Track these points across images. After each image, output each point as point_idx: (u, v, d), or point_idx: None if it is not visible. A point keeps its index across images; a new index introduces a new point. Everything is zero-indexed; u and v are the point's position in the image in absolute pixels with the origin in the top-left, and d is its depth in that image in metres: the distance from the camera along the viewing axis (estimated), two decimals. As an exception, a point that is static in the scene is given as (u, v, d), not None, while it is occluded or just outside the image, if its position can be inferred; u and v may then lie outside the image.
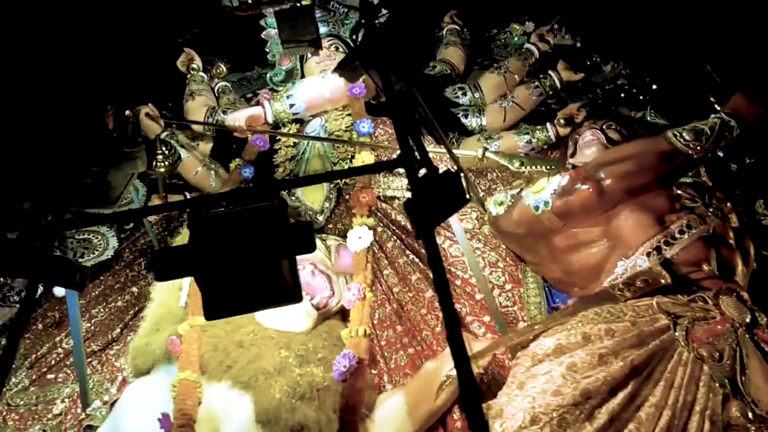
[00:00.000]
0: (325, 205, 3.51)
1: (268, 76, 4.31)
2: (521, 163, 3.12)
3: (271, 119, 3.78)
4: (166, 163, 3.51)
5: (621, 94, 4.00)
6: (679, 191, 3.01)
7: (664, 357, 2.46)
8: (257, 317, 2.87)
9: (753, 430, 2.31)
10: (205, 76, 4.32)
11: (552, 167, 3.05)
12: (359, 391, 2.69)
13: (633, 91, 3.97)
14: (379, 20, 3.61)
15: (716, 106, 3.04)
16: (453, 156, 2.96)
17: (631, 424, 2.34)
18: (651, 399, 2.38)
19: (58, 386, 3.42)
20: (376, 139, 3.58)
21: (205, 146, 4.15)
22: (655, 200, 2.91)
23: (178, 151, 3.67)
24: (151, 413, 2.68)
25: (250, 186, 3.47)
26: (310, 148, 3.72)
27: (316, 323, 2.98)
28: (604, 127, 3.36)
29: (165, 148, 3.53)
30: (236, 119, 3.73)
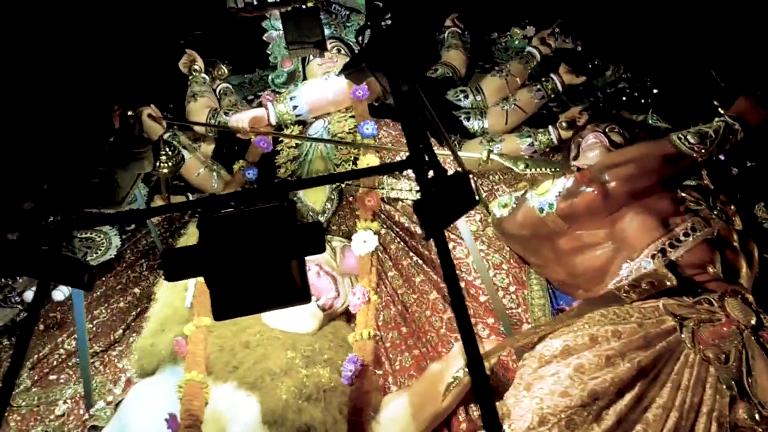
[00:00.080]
0: (327, 206, 3.51)
1: (270, 78, 4.31)
2: (526, 166, 3.12)
3: (274, 121, 3.78)
4: (169, 164, 3.49)
5: (622, 98, 4.02)
6: (684, 194, 3.02)
7: (671, 358, 2.47)
8: (263, 318, 2.87)
9: (760, 431, 2.32)
10: (207, 78, 4.32)
11: (557, 170, 3.06)
12: (366, 393, 2.70)
13: (634, 95, 3.99)
14: (385, 22, 3.61)
15: (720, 109, 3.06)
16: (458, 158, 2.97)
17: (639, 425, 2.35)
18: (658, 400, 2.39)
19: (60, 387, 3.41)
20: (380, 140, 3.59)
21: (207, 148, 4.15)
22: (660, 203, 2.93)
23: (182, 152, 3.66)
24: (157, 413, 2.68)
25: (260, 187, 3.46)
26: (313, 150, 3.72)
27: (322, 324, 2.98)
28: (607, 130, 3.38)
29: (168, 149, 3.52)
30: (240, 120, 3.73)
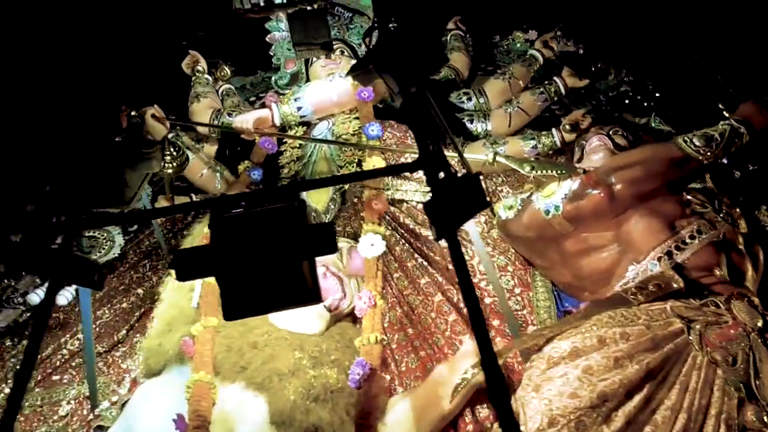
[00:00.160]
0: (330, 206, 3.51)
1: (273, 79, 4.32)
2: (532, 168, 3.12)
3: (278, 122, 3.78)
4: (173, 165, 3.50)
5: (625, 101, 4.03)
6: (689, 197, 3.04)
7: (678, 360, 2.48)
8: (270, 318, 2.87)
9: (768, 433, 2.34)
10: (210, 79, 4.33)
11: (563, 172, 3.06)
12: (374, 397, 2.70)
13: (637, 98, 4.00)
14: (392, 25, 3.62)
15: (725, 113, 3.07)
16: (464, 160, 2.97)
17: (648, 427, 2.36)
18: (666, 402, 2.40)
19: (64, 387, 3.40)
20: (384, 142, 3.59)
21: (210, 148, 4.15)
22: (666, 205, 2.94)
23: (186, 153, 3.66)
24: (164, 414, 2.68)
25: (270, 187, 3.46)
26: (317, 151, 3.72)
27: (329, 325, 2.98)
28: (611, 132, 3.39)
29: (173, 150, 3.53)
30: (244, 121, 3.73)
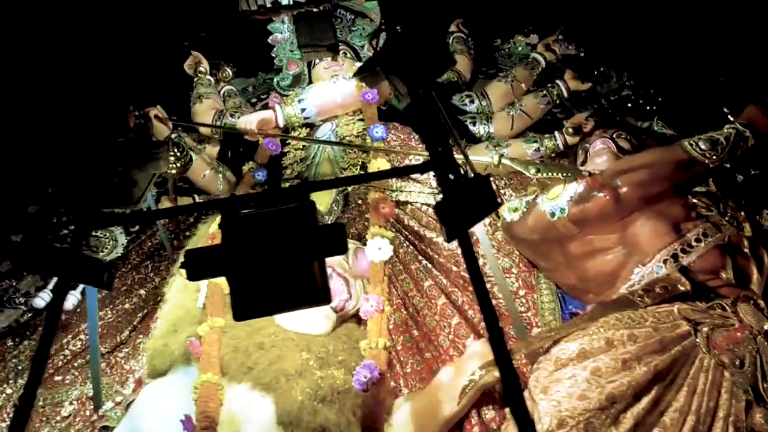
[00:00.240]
0: (333, 208, 3.50)
1: (275, 80, 4.30)
2: (537, 170, 3.13)
3: (282, 123, 3.77)
4: (177, 165, 3.50)
5: (627, 104, 4.04)
6: (695, 200, 3.05)
7: (686, 363, 2.49)
8: (277, 319, 2.86)
9: (777, 436, 2.35)
10: (212, 80, 4.32)
11: (568, 175, 3.07)
12: (382, 402, 2.70)
13: (639, 102, 4.02)
14: (399, 27, 3.63)
15: (730, 117, 3.08)
16: (469, 162, 2.98)
17: (656, 429, 2.37)
18: (674, 404, 2.41)
19: (66, 388, 3.38)
20: (389, 144, 3.59)
21: (212, 149, 4.14)
22: (671, 208, 2.95)
23: (190, 153, 3.65)
24: (170, 414, 2.67)
25: (280, 187, 3.45)
26: (320, 152, 3.72)
27: (335, 326, 2.98)
28: (615, 136, 3.41)
29: (177, 150, 3.52)
30: (248, 122, 3.72)
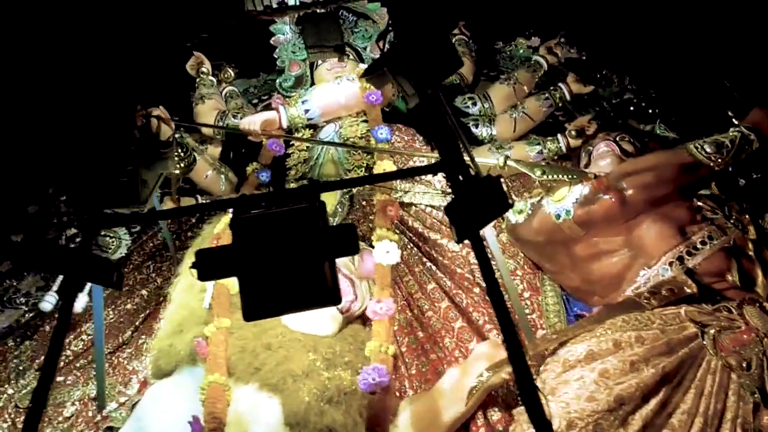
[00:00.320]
0: (338, 209, 3.50)
1: (277, 81, 4.30)
2: (543, 172, 3.13)
3: (285, 124, 3.76)
4: (181, 165, 3.50)
5: (630, 108, 4.05)
6: (700, 203, 3.06)
7: (693, 365, 2.50)
8: (283, 320, 2.86)
9: (785, 438, 2.36)
10: (214, 80, 4.32)
11: (573, 177, 3.08)
12: (387, 400, 2.70)
13: (642, 105, 4.03)
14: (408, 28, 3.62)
15: (734, 120, 3.10)
16: (475, 164, 2.98)
17: (664, 430, 2.38)
18: (682, 406, 2.42)
19: (68, 389, 3.37)
20: (393, 145, 3.59)
21: (214, 150, 4.13)
22: (677, 211, 2.97)
23: (193, 154, 3.65)
24: (176, 415, 2.67)
25: (291, 188, 3.45)
26: (324, 153, 3.72)
27: (341, 327, 2.98)
28: (618, 138, 3.42)
29: (180, 150, 3.52)
30: (251, 123, 3.72)
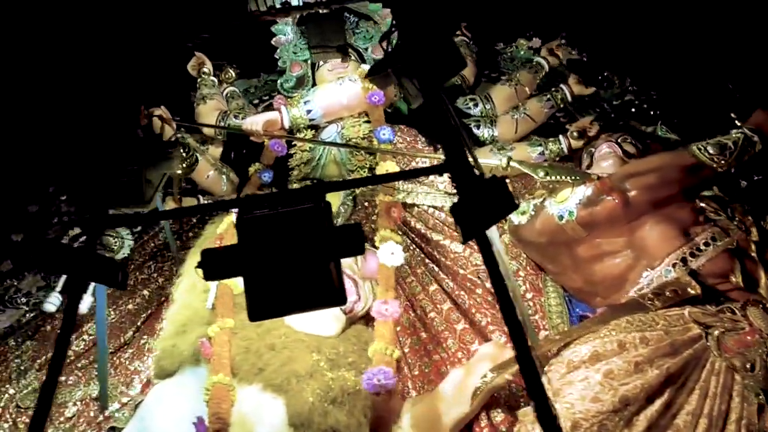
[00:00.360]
0: (341, 210, 3.50)
1: (278, 82, 4.30)
2: (546, 173, 3.14)
3: (287, 124, 3.76)
4: (183, 165, 3.50)
5: (631, 109, 4.06)
6: (702, 204, 3.07)
7: (697, 366, 2.51)
8: (287, 321, 2.85)
9: (789, 439, 2.37)
10: (216, 81, 4.31)
11: (576, 178, 3.08)
12: (391, 401, 2.71)
13: (643, 107, 4.03)
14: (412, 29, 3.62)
15: (737, 122, 3.10)
16: (478, 164, 2.98)
17: (669, 431, 2.38)
18: (687, 407, 2.43)
19: (69, 389, 3.37)
20: (395, 146, 3.59)
21: (215, 150, 4.12)
22: (680, 212, 2.97)
23: (196, 154, 3.65)
24: (179, 415, 2.67)
25: (299, 188, 3.45)
26: (326, 154, 3.72)
27: (344, 327, 2.98)
28: (620, 140, 3.42)
29: (182, 150, 3.52)
30: (254, 123, 3.71)
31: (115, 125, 2.57)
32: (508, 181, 3.52)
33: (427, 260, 3.38)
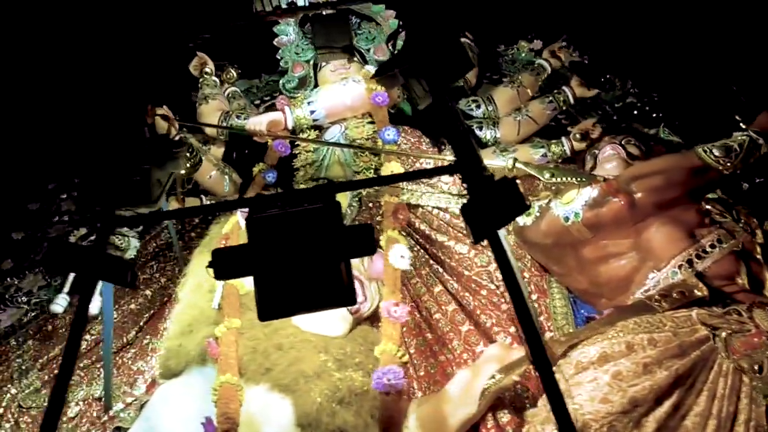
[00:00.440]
0: (347, 212, 3.50)
1: (280, 83, 4.29)
2: (552, 175, 3.14)
3: (291, 125, 3.75)
4: (187, 165, 3.49)
5: (634, 111, 4.07)
6: (708, 206, 3.08)
7: (705, 367, 2.51)
8: (294, 321, 2.85)
9: (797, 441, 2.37)
10: (218, 81, 4.31)
11: (582, 180, 3.09)
12: (398, 401, 2.70)
13: (646, 109, 4.04)
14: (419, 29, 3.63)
15: (742, 124, 3.12)
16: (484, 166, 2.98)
17: (678, 432, 2.39)
18: (695, 408, 2.43)
19: (72, 389, 3.35)
20: (399, 147, 3.59)
21: (217, 150, 4.12)
22: (685, 214, 2.98)
23: (199, 154, 3.64)
24: (187, 415, 2.66)
25: (305, 188, 3.44)
26: (330, 155, 3.72)
27: (351, 328, 2.98)
28: (624, 142, 3.42)
29: (187, 150, 3.51)
30: (257, 123, 3.71)
31: (122, 124, 2.56)
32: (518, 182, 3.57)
33: (432, 261, 3.38)
